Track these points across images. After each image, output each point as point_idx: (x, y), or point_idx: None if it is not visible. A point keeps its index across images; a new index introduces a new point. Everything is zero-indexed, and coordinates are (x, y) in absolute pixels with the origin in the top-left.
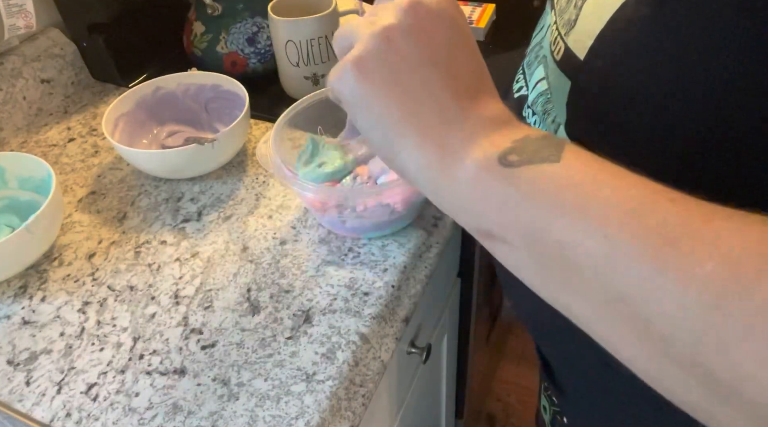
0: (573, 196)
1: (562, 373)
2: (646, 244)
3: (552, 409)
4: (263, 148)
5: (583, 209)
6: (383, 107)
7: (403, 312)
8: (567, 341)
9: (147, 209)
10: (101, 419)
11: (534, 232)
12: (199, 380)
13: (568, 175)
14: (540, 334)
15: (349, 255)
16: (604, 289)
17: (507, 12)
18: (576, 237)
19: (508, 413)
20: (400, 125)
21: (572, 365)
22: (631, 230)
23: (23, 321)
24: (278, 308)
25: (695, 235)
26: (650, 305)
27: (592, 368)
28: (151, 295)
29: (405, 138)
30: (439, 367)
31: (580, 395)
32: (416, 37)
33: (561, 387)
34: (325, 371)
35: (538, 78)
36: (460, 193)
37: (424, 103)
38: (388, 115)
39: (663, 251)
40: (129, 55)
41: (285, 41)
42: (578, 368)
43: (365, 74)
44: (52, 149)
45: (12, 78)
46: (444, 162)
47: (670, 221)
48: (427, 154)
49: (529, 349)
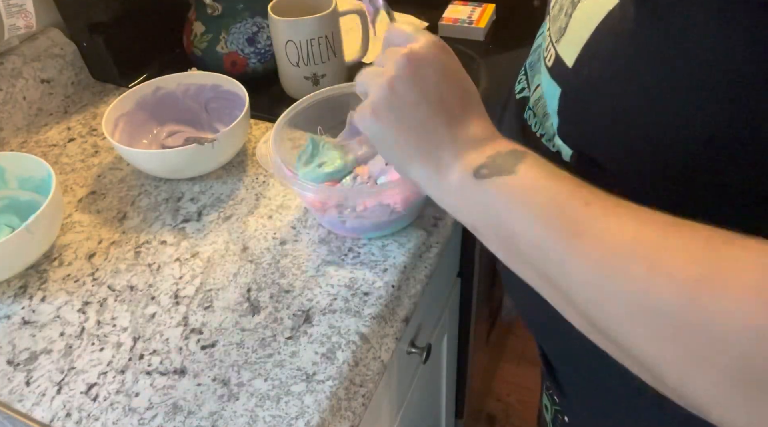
0: (520, 199)
1: (563, 372)
2: (559, 236)
3: (553, 408)
4: (263, 148)
5: (526, 208)
6: (395, 140)
7: (403, 312)
8: (567, 339)
9: (147, 209)
10: (101, 419)
11: (496, 226)
12: (199, 380)
13: (521, 183)
14: (541, 333)
15: (349, 255)
16: (537, 267)
17: (507, 12)
18: (519, 229)
19: (508, 413)
20: (408, 152)
21: (573, 364)
22: (552, 227)
23: (23, 321)
24: (278, 308)
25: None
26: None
27: (592, 368)
28: (151, 295)
29: (413, 160)
30: (439, 367)
31: (581, 395)
32: (413, 82)
33: (562, 387)
34: (325, 371)
35: (539, 82)
36: (451, 199)
37: (423, 134)
38: (399, 146)
39: (571, 241)
40: (129, 55)
41: (285, 41)
42: (579, 368)
43: (378, 117)
44: (52, 149)
45: (12, 78)
46: (440, 175)
47: (579, 219)
48: (428, 171)
49: (529, 349)
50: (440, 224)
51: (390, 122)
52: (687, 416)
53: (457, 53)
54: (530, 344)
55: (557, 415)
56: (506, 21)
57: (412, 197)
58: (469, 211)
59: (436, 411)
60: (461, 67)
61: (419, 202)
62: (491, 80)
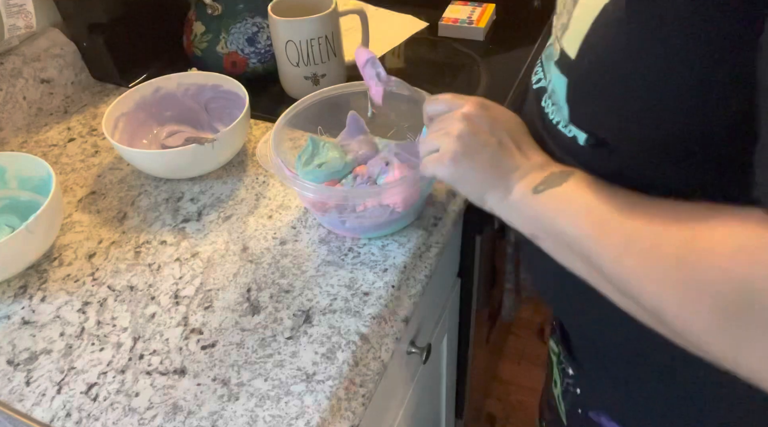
0: (564, 204)
1: (580, 347)
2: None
3: (565, 381)
4: (263, 148)
5: (568, 211)
6: (473, 178)
7: (403, 312)
8: (589, 316)
9: (147, 209)
10: (101, 419)
11: (548, 228)
12: (199, 380)
13: (565, 192)
14: (565, 310)
15: (349, 255)
16: (579, 253)
17: (507, 12)
18: (564, 227)
19: (508, 413)
20: (483, 185)
21: (591, 338)
22: (585, 222)
23: (23, 321)
24: (278, 308)
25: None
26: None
27: (609, 342)
28: (151, 295)
29: (486, 190)
30: (439, 367)
31: (596, 367)
32: (475, 133)
33: (578, 360)
34: (325, 371)
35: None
36: (515, 213)
37: (492, 169)
38: (476, 182)
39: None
40: (129, 55)
41: (285, 41)
42: (596, 342)
43: (457, 164)
44: (52, 149)
45: (12, 78)
46: (507, 197)
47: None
48: (498, 195)
49: (529, 349)
50: (440, 224)
51: (466, 166)
52: (695, 385)
53: (457, 53)
54: (530, 344)
55: (568, 388)
56: (506, 21)
57: (412, 197)
58: (528, 220)
59: (436, 411)
60: (506, 110)
61: (419, 202)
62: (491, 80)
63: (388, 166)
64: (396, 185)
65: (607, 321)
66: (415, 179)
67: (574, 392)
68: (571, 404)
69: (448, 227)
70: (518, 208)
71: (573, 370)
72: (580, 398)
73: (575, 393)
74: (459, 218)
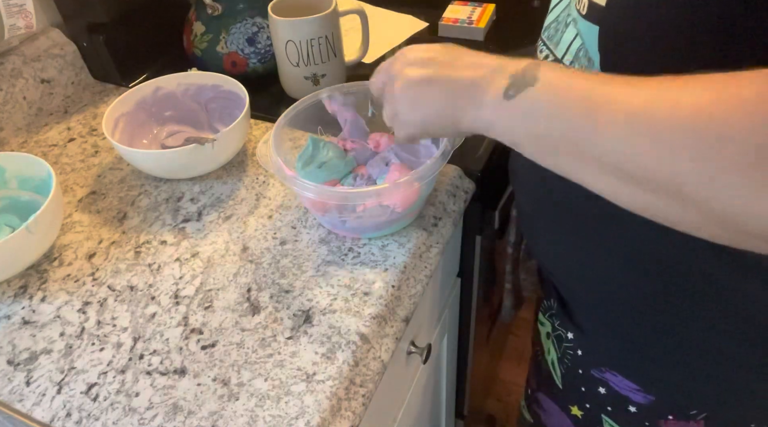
0: (546, 100)
1: (579, 309)
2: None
3: (563, 346)
4: (263, 148)
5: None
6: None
7: (403, 312)
8: (585, 271)
9: (147, 209)
10: (101, 419)
11: (533, 133)
12: (199, 380)
13: (543, 89)
14: (565, 275)
15: (349, 255)
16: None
17: (507, 12)
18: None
19: (508, 413)
20: (452, 115)
21: (590, 295)
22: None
23: (23, 321)
24: (278, 308)
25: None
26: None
27: (609, 294)
28: (151, 295)
29: (458, 116)
30: (439, 367)
31: (598, 326)
32: (410, 77)
33: (577, 323)
34: (325, 371)
35: (571, 38)
36: (495, 129)
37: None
38: (443, 117)
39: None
40: (129, 55)
41: (285, 41)
42: (600, 303)
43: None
44: (52, 149)
45: (12, 78)
46: (479, 113)
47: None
48: (470, 114)
49: (529, 349)
50: (440, 224)
51: (424, 108)
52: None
53: None
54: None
55: (567, 352)
56: (506, 21)
57: (411, 198)
58: (511, 131)
59: (436, 411)
60: (429, 44)
61: (419, 202)
62: None
63: (387, 166)
64: (396, 186)
65: (607, 276)
66: (415, 179)
67: (575, 354)
68: (569, 367)
69: (448, 227)
70: (494, 121)
71: (573, 334)
72: (581, 358)
73: (576, 355)
74: (459, 218)
